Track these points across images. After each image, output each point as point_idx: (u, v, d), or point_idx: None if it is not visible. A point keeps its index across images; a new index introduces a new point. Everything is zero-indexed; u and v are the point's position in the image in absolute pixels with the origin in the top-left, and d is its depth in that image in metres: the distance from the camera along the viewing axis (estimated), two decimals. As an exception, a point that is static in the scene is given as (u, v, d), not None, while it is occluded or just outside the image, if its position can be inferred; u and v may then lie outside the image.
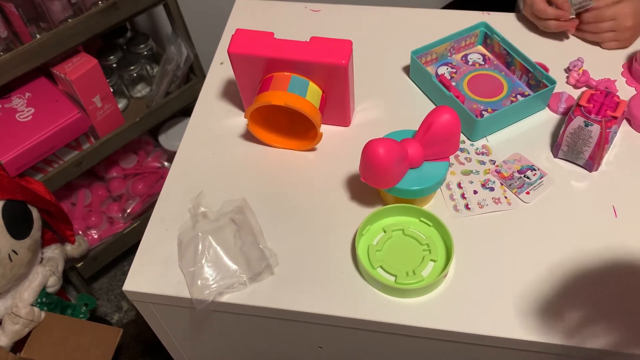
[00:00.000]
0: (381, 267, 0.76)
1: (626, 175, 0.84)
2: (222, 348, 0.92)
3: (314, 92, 0.85)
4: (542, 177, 0.84)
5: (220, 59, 1.06)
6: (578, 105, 0.81)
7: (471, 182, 0.85)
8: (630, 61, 0.97)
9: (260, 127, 0.90)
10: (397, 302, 0.74)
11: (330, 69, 0.82)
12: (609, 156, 0.86)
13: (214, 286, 0.74)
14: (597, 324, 0.70)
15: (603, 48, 1.00)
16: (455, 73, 0.98)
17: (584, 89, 0.95)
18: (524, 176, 0.85)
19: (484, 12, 1.08)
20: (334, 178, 0.87)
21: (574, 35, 1.02)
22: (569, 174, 0.85)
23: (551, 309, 0.72)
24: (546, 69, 0.94)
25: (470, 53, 1.01)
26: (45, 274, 1.24)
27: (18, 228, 1.16)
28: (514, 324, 0.71)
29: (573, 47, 1.02)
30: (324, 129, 0.91)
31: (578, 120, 0.81)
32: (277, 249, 0.77)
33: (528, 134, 0.90)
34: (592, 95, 0.81)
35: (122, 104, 1.51)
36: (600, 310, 0.72)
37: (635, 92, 0.92)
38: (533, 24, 1.05)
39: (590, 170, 0.85)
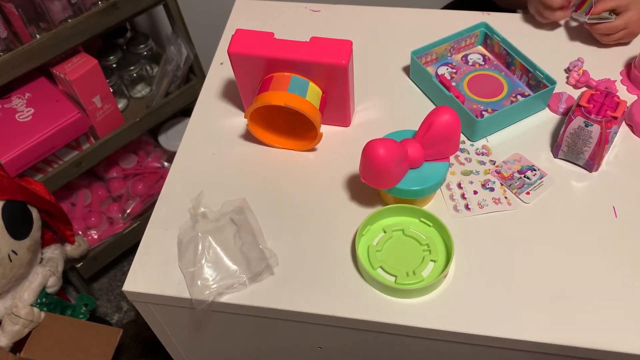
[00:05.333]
0: (381, 267, 0.76)
1: (626, 176, 0.84)
2: (222, 348, 0.92)
3: (314, 92, 0.85)
4: (542, 178, 0.84)
5: (220, 59, 1.05)
6: (578, 105, 0.81)
7: (471, 183, 0.85)
8: (629, 67, 0.97)
9: (260, 127, 0.90)
10: (397, 303, 0.74)
11: (331, 69, 0.82)
12: (609, 156, 0.86)
13: (214, 286, 0.74)
14: (596, 323, 0.70)
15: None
16: (456, 73, 0.98)
17: (584, 89, 0.95)
18: (524, 176, 0.85)
19: (484, 13, 1.08)
20: (334, 178, 0.87)
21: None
22: (569, 174, 0.85)
23: (551, 309, 0.72)
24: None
25: (470, 53, 1.01)
26: (45, 274, 1.24)
27: (18, 228, 1.16)
28: (513, 324, 0.71)
29: (573, 47, 1.02)
30: (324, 129, 0.91)
31: (578, 121, 0.80)
32: (277, 249, 0.77)
33: (528, 134, 0.90)
34: (592, 96, 0.81)
35: (122, 104, 1.51)
36: (600, 310, 0.72)
37: (637, 98, 0.92)
38: (533, 25, 1.05)
39: (590, 171, 0.85)
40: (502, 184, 0.84)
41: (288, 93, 0.83)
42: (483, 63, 0.99)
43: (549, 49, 1.02)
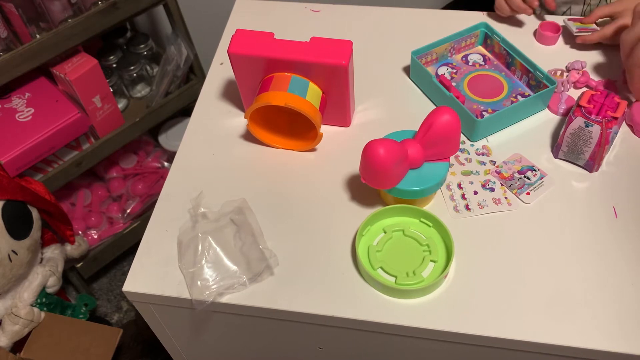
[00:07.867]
0: (381, 267, 0.76)
1: (626, 176, 0.84)
2: (221, 348, 0.92)
3: (314, 93, 0.85)
4: (542, 178, 0.84)
5: (220, 59, 1.05)
6: (578, 105, 0.81)
7: (471, 183, 0.85)
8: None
9: (260, 127, 0.90)
10: (397, 303, 0.74)
11: (331, 70, 0.82)
12: (609, 156, 0.86)
13: (213, 287, 0.74)
14: (596, 323, 0.70)
15: None
16: (456, 73, 0.98)
17: (584, 89, 0.95)
18: (524, 177, 0.85)
19: (484, 12, 1.08)
20: (334, 178, 0.87)
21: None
22: (569, 175, 0.85)
23: (551, 309, 0.72)
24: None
25: (470, 53, 1.01)
26: (45, 274, 1.24)
27: (18, 228, 1.16)
28: (514, 325, 0.71)
29: (573, 48, 1.02)
30: (324, 129, 0.91)
31: (578, 121, 0.80)
32: (277, 250, 0.77)
33: (528, 134, 0.90)
34: (593, 96, 0.81)
35: (122, 104, 1.51)
36: (600, 310, 0.72)
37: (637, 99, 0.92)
38: (534, 25, 1.05)
39: (590, 171, 0.85)
40: (502, 185, 0.84)
41: (288, 93, 0.83)
42: (483, 63, 0.99)
43: (549, 49, 1.02)
